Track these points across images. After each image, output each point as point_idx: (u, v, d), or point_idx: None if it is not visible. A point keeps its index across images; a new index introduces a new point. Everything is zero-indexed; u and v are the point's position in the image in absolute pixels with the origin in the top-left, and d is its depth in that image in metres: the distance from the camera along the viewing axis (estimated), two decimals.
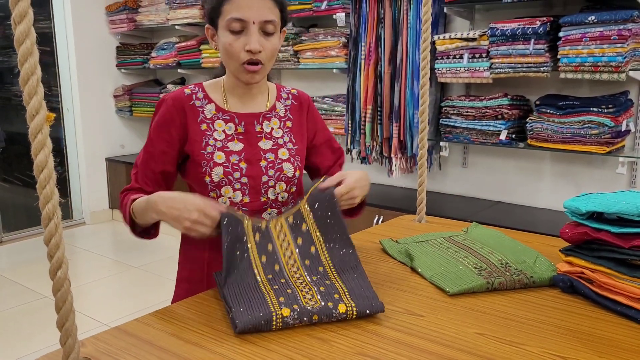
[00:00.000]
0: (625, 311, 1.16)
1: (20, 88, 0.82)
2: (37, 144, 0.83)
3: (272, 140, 1.48)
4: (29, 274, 4.05)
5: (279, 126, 1.51)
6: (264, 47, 1.36)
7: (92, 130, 5.26)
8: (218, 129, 1.44)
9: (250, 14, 1.33)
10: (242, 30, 1.34)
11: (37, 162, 0.83)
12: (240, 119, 1.46)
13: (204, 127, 1.43)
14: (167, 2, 4.79)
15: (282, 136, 1.50)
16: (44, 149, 0.83)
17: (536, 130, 2.96)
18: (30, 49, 0.82)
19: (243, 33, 1.35)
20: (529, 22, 2.84)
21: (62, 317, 0.87)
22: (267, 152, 1.46)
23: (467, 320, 1.16)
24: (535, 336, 1.09)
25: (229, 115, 1.46)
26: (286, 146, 1.49)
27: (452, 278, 1.34)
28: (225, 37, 1.36)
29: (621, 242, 1.15)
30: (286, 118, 1.53)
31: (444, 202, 3.51)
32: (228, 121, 1.45)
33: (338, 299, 1.15)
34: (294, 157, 1.49)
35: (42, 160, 0.83)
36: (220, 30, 1.38)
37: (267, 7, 1.35)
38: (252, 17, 1.33)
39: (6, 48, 5.03)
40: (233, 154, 1.42)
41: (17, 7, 0.81)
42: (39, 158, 0.83)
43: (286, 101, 1.55)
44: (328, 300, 1.14)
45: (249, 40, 1.34)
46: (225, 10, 1.35)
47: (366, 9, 3.52)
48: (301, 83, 4.32)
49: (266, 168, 1.45)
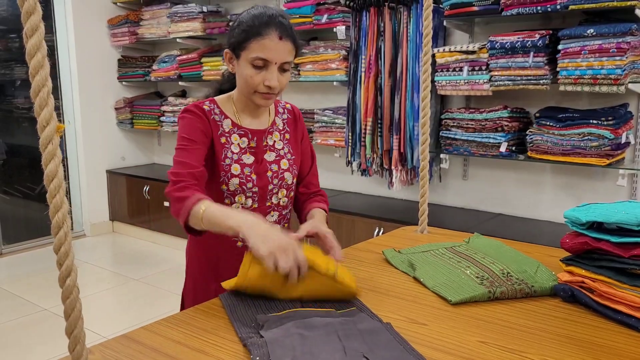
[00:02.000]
0: (625, 320, 1.17)
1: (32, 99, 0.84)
2: (47, 154, 0.84)
3: (275, 152, 1.64)
4: (28, 286, 4.04)
5: (279, 139, 1.67)
6: (280, 82, 1.53)
7: (93, 142, 5.27)
8: (234, 142, 1.59)
9: (274, 56, 1.49)
10: (263, 66, 1.50)
11: (48, 171, 0.84)
12: (253, 135, 1.62)
13: (223, 140, 1.57)
14: (168, 16, 4.83)
15: (283, 148, 1.67)
16: (54, 159, 0.85)
17: (536, 143, 2.97)
18: (42, 62, 0.84)
19: (264, 69, 1.50)
20: (528, 35, 2.87)
21: (71, 324, 0.88)
22: (272, 163, 1.62)
23: (470, 329, 1.17)
24: (537, 344, 1.10)
25: (243, 131, 1.61)
26: (286, 157, 1.66)
27: (454, 287, 1.35)
28: (247, 70, 1.50)
29: (621, 251, 1.16)
30: (284, 131, 1.70)
31: (444, 215, 3.52)
32: (242, 136, 1.60)
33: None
34: (292, 166, 1.67)
35: (53, 170, 0.84)
36: (242, 60, 1.52)
37: (288, 50, 1.52)
38: (275, 59, 1.49)
39: (8, 61, 5.07)
40: (246, 166, 1.58)
41: (29, 21, 0.83)
42: (49, 168, 0.84)
43: (283, 115, 1.72)
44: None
45: (269, 77, 1.50)
46: (251, 48, 1.49)
47: (366, 22, 3.55)
48: (302, 96, 4.34)
49: (271, 178, 1.61)
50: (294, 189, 1.70)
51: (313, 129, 4.05)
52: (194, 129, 1.53)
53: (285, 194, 1.66)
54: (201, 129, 1.54)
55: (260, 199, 1.60)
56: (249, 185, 1.57)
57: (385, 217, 3.46)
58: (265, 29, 1.48)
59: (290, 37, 1.52)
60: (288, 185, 1.66)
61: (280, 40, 1.49)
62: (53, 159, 0.84)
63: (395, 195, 3.91)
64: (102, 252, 4.99)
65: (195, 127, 1.53)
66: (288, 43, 1.51)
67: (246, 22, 1.51)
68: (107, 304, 3.78)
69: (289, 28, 1.52)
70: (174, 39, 4.82)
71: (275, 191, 1.63)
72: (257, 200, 1.60)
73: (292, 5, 3.95)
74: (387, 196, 3.95)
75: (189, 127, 1.53)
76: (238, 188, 1.56)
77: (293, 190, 1.70)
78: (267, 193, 1.61)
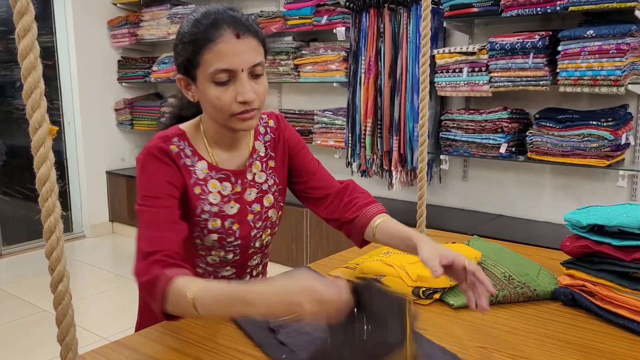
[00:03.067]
0: (627, 324, 1.15)
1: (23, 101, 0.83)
2: (39, 157, 0.83)
3: (255, 187, 1.34)
4: (28, 287, 4.03)
5: (261, 169, 1.35)
6: (257, 92, 1.18)
7: (92, 143, 5.26)
8: (213, 191, 1.27)
9: (237, 61, 1.15)
10: (229, 79, 1.16)
11: (40, 175, 0.83)
12: (236, 177, 1.31)
13: (198, 191, 1.25)
14: (168, 17, 4.82)
15: (266, 180, 1.36)
16: (46, 162, 0.83)
17: (536, 144, 2.96)
18: (34, 63, 0.83)
19: (231, 82, 1.16)
20: (528, 37, 2.86)
21: (63, 331, 0.87)
22: (252, 203, 1.33)
23: (470, 334, 1.16)
24: (538, 349, 1.09)
25: (223, 174, 1.29)
26: (270, 191, 1.37)
27: (456, 291, 1.33)
28: (211, 90, 1.16)
29: (622, 255, 1.15)
30: (267, 157, 1.37)
31: (444, 216, 3.51)
32: (223, 180, 1.29)
33: None
34: (277, 199, 1.39)
35: (45, 173, 0.83)
36: (200, 82, 1.18)
37: (253, 49, 1.18)
38: (240, 65, 1.15)
39: (8, 62, 5.06)
40: (228, 217, 1.29)
41: (21, 21, 0.82)
42: (41, 171, 0.83)
43: (265, 137, 1.38)
44: None
45: (241, 90, 1.16)
46: (205, 61, 1.15)
47: (366, 23, 3.54)
48: (301, 97, 4.33)
49: (254, 221, 1.33)
50: (278, 223, 1.41)
51: (313, 130, 4.04)
52: (158, 183, 1.18)
53: (269, 232, 1.38)
54: (167, 182, 1.19)
55: (242, 251, 1.33)
56: (229, 240, 1.29)
57: None
58: (215, 30, 1.14)
59: (250, 32, 1.17)
60: (272, 223, 1.38)
61: (238, 39, 1.15)
62: (45, 162, 0.83)
63: (395, 196, 3.90)
64: (102, 253, 4.98)
65: (159, 181, 1.19)
66: (250, 39, 1.17)
67: (189, 31, 1.17)
68: (107, 305, 3.77)
69: (244, 20, 1.18)
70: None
71: (259, 235, 1.35)
72: (239, 253, 1.33)
73: (291, 6, 3.94)
74: (387, 197, 3.94)
75: (149, 182, 1.19)
76: (216, 243, 1.29)
77: (277, 225, 1.41)
78: (250, 241, 1.33)
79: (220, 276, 1.36)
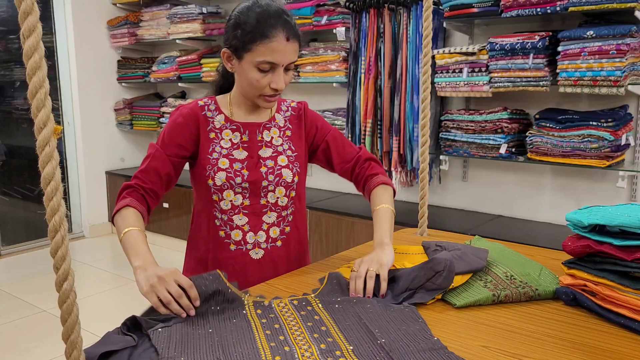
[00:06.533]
0: (628, 324, 1.16)
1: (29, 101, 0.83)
2: (44, 156, 0.83)
3: (272, 148, 1.58)
4: (27, 287, 4.03)
5: (278, 135, 1.60)
6: (285, 82, 1.47)
7: (92, 143, 5.26)
8: (225, 138, 1.54)
9: (281, 59, 1.43)
10: (270, 69, 1.44)
11: (45, 174, 0.83)
12: (245, 128, 1.56)
13: (212, 136, 1.53)
14: (168, 17, 4.82)
15: (282, 144, 1.60)
16: (51, 161, 0.84)
17: (536, 144, 2.97)
18: (39, 63, 0.83)
19: (270, 71, 1.44)
20: (528, 37, 2.87)
21: (68, 329, 0.87)
22: (267, 159, 1.56)
23: (472, 333, 1.16)
24: (539, 349, 1.09)
25: (235, 125, 1.56)
26: (285, 153, 1.59)
27: (458, 291, 1.34)
28: (253, 73, 1.44)
29: (624, 254, 1.15)
30: (285, 128, 1.62)
31: (444, 216, 3.51)
32: (235, 130, 1.56)
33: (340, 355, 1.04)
34: (293, 163, 1.59)
35: (50, 172, 0.83)
36: (246, 63, 1.44)
37: (294, 51, 1.46)
38: (283, 62, 1.43)
39: (8, 62, 5.06)
40: (237, 161, 1.53)
41: (27, 21, 0.82)
42: (46, 170, 0.83)
43: (286, 113, 1.65)
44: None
45: (276, 80, 1.45)
46: (257, 50, 1.41)
47: (366, 23, 3.54)
48: (301, 97, 4.34)
49: (266, 174, 1.55)
50: (295, 188, 1.60)
51: None
52: (174, 139, 1.52)
53: (284, 192, 1.57)
54: (180, 143, 1.52)
55: (252, 196, 1.54)
56: (237, 180, 1.51)
57: None
58: (272, 30, 1.40)
59: (296, 37, 1.45)
60: (287, 184, 1.57)
61: (288, 42, 1.42)
62: (50, 162, 0.83)
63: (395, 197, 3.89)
64: (102, 253, 4.98)
65: (176, 138, 1.52)
66: (295, 43, 1.45)
67: (250, 22, 1.41)
68: (107, 306, 3.77)
69: (294, 26, 1.45)
70: (174, 40, 4.82)
71: (272, 188, 1.55)
72: (249, 197, 1.54)
73: (292, 6, 3.94)
74: None
75: (170, 129, 1.53)
76: (225, 183, 1.51)
77: (295, 190, 1.60)
78: (260, 189, 1.54)
79: (235, 226, 1.54)
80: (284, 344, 1.07)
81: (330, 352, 1.04)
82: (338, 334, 1.11)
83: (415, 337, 1.10)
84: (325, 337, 1.10)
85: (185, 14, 4.65)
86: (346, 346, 1.06)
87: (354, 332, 1.12)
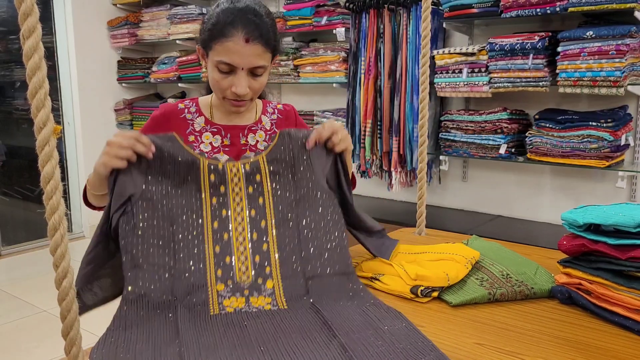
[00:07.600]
0: (622, 322, 1.16)
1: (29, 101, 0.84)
2: (44, 156, 0.84)
3: (256, 152, 1.48)
4: (27, 287, 4.04)
5: (264, 139, 1.51)
6: (251, 88, 1.37)
7: (92, 144, 5.26)
8: (205, 141, 1.46)
9: (239, 61, 1.32)
10: (230, 71, 1.34)
11: (44, 173, 0.84)
12: (226, 132, 1.48)
13: (192, 139, 1.46)
14: (168, 17, 4.83)
15: None
16: (50, 160, 0.85)
17: (535, 145, 2.97)
18: (39, 64, 0.84)
19: (231, 74, 1.35)
20: (528, 37, 2.87)
21: (67, 325, 0.88)
22: None
23: (467, 331, 1.17)
24: (534, 347, 1.10)
25: (216, 128, 1.48)
26: None
27: (454, 289, 1.35)
28: (213, 73, 1.36)
29: (618, 253, 1.16)
30: (271, 131, 1.53)
31: (443, 216, 3.52)
32: (215, 133, 1.47)
33: (268, 273, 1.21)
34: None
35: (49, 172, 0.84)
36: (209, 61, 1.37)
37: (257, 54, 1.33)
38: (241, 65, 1.32)
39: (8, 62, 5.07)
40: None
41: (27, 22, 0.83)
42: (46, 170, 0.84)
43: (272, 115, 1.56)
44: (259, 275, 1.20)
45: (236, 83, 1.34)
46: (215, 49, 1.33)
47: (366, 24, 3.55)
48: (301, 97, 4.34)
49: None
50: None
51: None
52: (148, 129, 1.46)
53: None
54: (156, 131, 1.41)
55: None
56: None
57: (384, 218, 3.45)
58: (229, 29, 1.30)
59: (260, 39, 1.32)
60: None
61: (246, 44, 1.30)
62: (50, 161, 0.84)
63: (395, 197, 3.91)
64: None
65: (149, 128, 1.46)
66: (257, 46, 1.31)
67: (213, 19, 1.34)
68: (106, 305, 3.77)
69: (260, 27, 1.32)
70: (174, 41, 4.82)
71: None
72: None
73: (291, 7, 3.95)
74: (387, 198, 3.95)
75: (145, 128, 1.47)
76: None
77: None
78: None
79: None
80: (223, 206, 1.22)
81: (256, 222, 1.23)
82: (271, 208, 1.28)
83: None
84: (260, 208, 1.26)
85: (185, 15, 4.66)
86: (271, 221, 1.26)
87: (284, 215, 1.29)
